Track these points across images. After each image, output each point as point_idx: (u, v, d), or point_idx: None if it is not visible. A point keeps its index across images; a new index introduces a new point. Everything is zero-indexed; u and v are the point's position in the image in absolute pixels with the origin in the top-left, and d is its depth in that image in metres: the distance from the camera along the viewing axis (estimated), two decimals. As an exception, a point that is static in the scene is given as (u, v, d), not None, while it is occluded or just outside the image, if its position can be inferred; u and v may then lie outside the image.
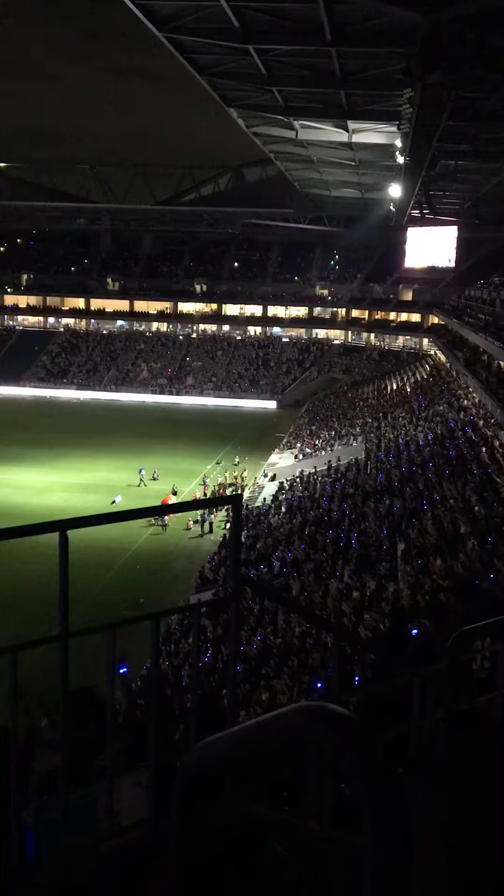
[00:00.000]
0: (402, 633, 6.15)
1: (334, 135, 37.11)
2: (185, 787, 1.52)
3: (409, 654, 5.26)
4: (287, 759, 1.58)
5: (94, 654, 2.92)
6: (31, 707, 10.81)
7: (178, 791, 1.51)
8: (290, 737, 1.23)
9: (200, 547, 34.17)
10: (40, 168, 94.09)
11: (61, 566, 2.44)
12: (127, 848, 2.71)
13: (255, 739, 1.36)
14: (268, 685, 16.20)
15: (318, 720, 1.14)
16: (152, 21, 24.56)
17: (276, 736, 1.28)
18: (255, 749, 1.39)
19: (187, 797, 1.49)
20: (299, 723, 1.19)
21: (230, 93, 33.31)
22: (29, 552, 26.96)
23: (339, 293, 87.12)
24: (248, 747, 1.39)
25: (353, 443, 45.67)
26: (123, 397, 76.65)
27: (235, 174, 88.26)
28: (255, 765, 1.59)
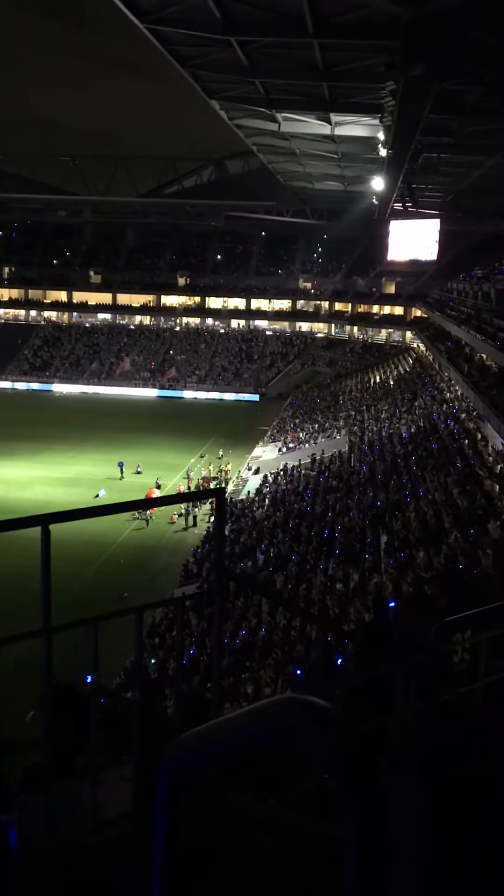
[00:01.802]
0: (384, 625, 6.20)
1: (317, 127, 36.99)
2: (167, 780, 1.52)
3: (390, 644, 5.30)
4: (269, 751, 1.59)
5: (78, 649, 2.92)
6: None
7: (160, 784, 1.52)
8: (270, 729, 1.23)
9: (184, 540, 34.16)
10: (21, 160, 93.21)
11: (43, 561, 2.43)
12: (111, 841, 2.71)
13: (236, 732, 1.36)
14: (252, 678, 16.25)
15: (297, 712, 1.15)
16: (134, 12, 24.35)
17: (256, 728, 1.29)
18: (235, 742, 1.39)
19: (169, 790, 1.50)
20: (278, 715, 1.19)
21: (212, 84, 33.11)
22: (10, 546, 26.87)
23: (322, 286, 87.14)
24: (229, 740, 1.40)
25: (336, 436, 45.78)
26: (106, 390, 76.38)
27: (218, 166, 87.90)
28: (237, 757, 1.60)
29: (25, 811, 3.08)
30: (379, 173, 43.83)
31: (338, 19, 23.06)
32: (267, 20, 24.28)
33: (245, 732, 1.34)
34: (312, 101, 32.40)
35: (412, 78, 22.74)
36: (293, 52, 27.01)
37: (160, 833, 1.50)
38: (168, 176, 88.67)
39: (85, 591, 24.00)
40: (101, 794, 2.91)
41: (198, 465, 46.41)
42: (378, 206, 58.47)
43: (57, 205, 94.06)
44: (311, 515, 29.36)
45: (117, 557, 31.51)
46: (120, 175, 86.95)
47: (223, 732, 1.41)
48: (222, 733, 1.41)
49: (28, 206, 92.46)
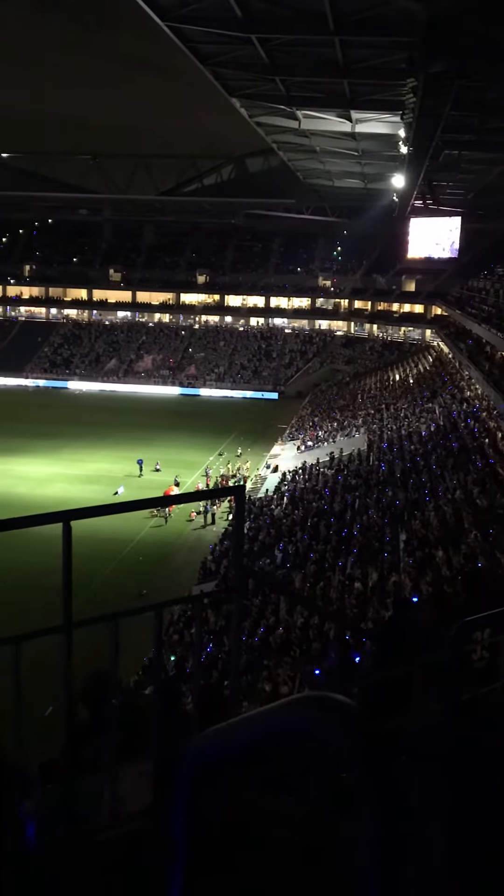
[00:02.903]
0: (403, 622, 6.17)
1: (337, 125, 36.93)
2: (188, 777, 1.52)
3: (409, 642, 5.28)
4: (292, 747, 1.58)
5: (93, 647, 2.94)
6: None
7: (181, 781, 1.52)
8: (294, 725, 1.22)
9: (203, 538, 34.22)
10: (42, 158, 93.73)
11: (65, 557, 2.44)
12: (129, 837, 2.72)
13: (260, 728, 1.36)
14: (270, 676, 16.26)
15: (321, 709, 1.14)
16: (155, 10, 24.42)
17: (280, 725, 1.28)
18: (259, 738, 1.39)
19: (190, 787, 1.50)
20: (302, 711, 1.19)
21: (233, 82, 33.15)
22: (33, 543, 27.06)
23: (341, 284, 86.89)
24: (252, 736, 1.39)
25: (355, 434, 45.67)
26: (125, 388, 76.59)
27: (238, 164, 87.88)
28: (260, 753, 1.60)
29: (44, 805, 3.10)
30: (399, 170, 43.69)
31: (358, 16, 23.02)
32: (288, 17, 24.28)
33: (269, 729, 1.33)
34: (333, 99, 32.34)
35: (433, 74, 22.65)
36: (314, 50, 26.99)
37: (179, 827, 1.50)
38: (188, 174, 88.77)
39: (103, 588, 24.10)
40: (119, 790, 2.92)
41: (216, 463, 46.47)
42: (398, 204, 58.26)
43: (77, 203, 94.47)
44: (329, 514, 29.31)
45: (136, 554, 31.63)
46: (140, 173, 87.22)
47: (247, 728, 1.41)
48: (246, 729, 1.41)
49: (48, 204, 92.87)
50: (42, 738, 3.40)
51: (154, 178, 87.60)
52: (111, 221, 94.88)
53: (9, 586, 26.61)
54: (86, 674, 3.38)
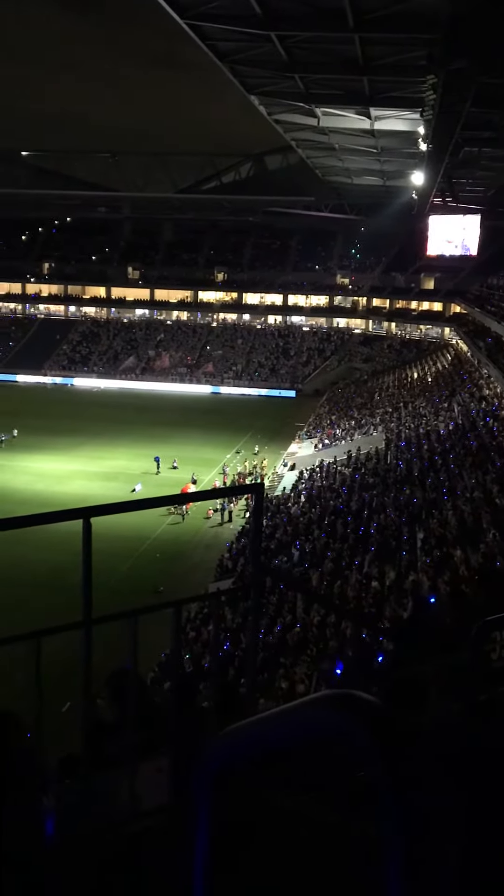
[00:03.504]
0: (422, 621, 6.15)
1: (356, 122, 36.82)
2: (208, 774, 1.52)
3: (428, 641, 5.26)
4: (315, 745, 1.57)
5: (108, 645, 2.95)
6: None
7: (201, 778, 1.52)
8: (317, 723, 1.22)
9: (219, 536, 34.26)
10: (61, 156, 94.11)
11: (85, 553, 2.46)
12: (147, 831, 2.74)
13: (281, 727, 1.36)
14: (287, 674, 16.26)
15: (344, 708, 1.13)
16: (175, 8, 24.45)
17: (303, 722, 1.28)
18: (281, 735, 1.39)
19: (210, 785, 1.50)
20: (326, 709, 1.18)
21: (252, 80, 33.12)
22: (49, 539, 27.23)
23: (359, 282, 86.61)
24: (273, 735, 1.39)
25: (372, 432, 45.53)
26: (143, 386, 76.81)
27: (257, 162, 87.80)
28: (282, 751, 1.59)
29: (62, 799, 3.12)
30: (419, 168, 43.48)
31: (378, 13, 22.93)
32: (307, 14, 24.23)
33: (291, 727, 1.33)
34: (352, 96, 32.25)
35: (453, 71, 22.51)
36: (333, 47, 26.93)
37: (200, 825, 1.51)
38: (206, 172, 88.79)
39: (121, 585, 24.21)
40: (137, 785, 2.93)
41: (233, 461, 46.50)
42: (417, 201, 58.03)
43: (96, 201, 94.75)
44: (346, 512, 29.24)
45: (153, 552, 31.71)
46: (158, 171, 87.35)
47: (269, 726, 1.41)
48: (268, 727, 1.41)
49: (68, 202, 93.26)
50: (61, 733, 3.43)
51: (173, 175, 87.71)
52: (130, 219, 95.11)
53: (24, 583, 26.81)
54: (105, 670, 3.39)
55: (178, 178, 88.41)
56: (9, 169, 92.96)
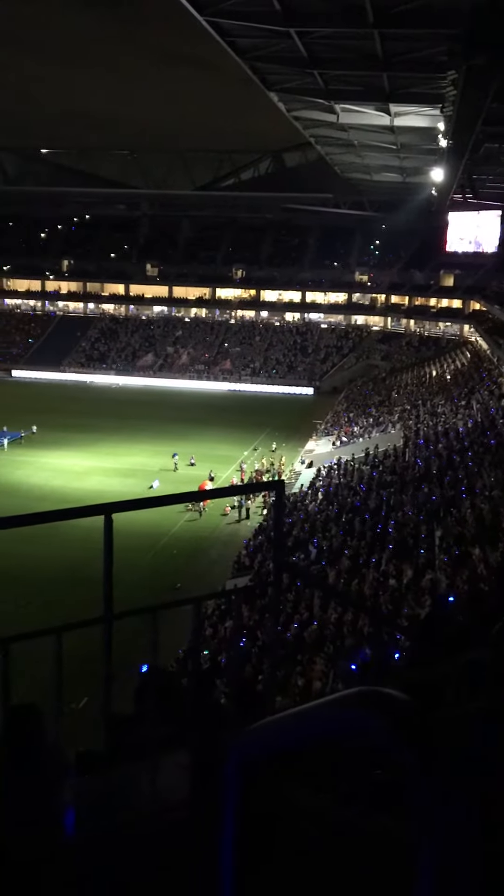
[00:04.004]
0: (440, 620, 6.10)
1: (376, 118, 36.64)
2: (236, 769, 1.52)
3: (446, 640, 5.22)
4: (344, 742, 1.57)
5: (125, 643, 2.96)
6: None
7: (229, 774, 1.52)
8: (347, 720, 1.21)
9: (237, 533, 34.28)
10: (81, 154, 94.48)
11: (106, 549, 2.47)
12: (167, 827, 2.74)
13: (312, 722, 1.35)
14: (303, 671, 16.26)
15: (375, 703, 1.12)
16: (194, 5, 24.44)
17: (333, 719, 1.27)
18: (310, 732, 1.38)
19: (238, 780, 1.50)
20: (356, 706, 1.17)
21: (271, 76, 33.06)
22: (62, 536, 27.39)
23: (378, 279, 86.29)
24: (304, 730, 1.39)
25: (391, 430, 45.38)
26: (161, 383, 76.99)
27: (275, 159, 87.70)
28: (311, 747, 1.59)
29: (81, 795, 3.13)
30: (439, 164, 43.22)
31: (399, 8, 22.79)
32: (327, 10, 24.15)
33: (321, 723, 1.33)
34: (372, 92, 32.10)
35: (474, 67, 22.34)
36: (353, 43, 26.79)
37: (228, 821, 1.51)
38: (225, 169, 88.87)
39: (138, 581, 24.26)
40: (157, 781, 2.94)
41: (251, 458, 46.51)
42: (437, 198, 57.72)
43: (115, 198, 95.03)
44: (364, 510, 29.17)
45: (170, 548, 31.78)
46: (177, 168, 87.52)
47: (298, 722, 1.41)
48: (298, 723, 1.41)
49: (87, 200, 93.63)
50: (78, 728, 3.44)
51: (191, 173, 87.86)
52: (149, 216, 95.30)
53: (41, 578, 26.99)
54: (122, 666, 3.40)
55: (197, 176, 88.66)
56: (29, 166, 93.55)
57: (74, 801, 3.12)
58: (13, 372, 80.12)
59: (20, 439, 50.06)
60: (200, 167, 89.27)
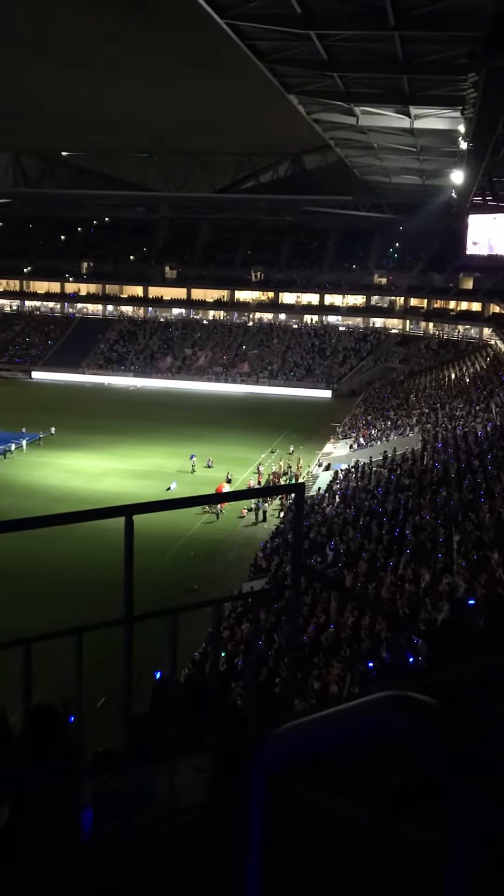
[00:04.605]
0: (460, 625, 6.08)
1: (396, 121, 36.58)
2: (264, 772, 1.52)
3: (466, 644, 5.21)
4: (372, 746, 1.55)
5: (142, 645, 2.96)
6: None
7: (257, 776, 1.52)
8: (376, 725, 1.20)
9: (254, 535, 34.26)
10: (101, 156, 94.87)
11: (127, 551, 2.47)
12: (185, 829, 2.74)
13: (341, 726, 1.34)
14: (320, 674, 16.22)
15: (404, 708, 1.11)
16: (214, 8, 24.49)
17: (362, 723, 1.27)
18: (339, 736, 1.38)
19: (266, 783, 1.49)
20: (383, 711, 1.16)
21: (291, 79, 33.07)
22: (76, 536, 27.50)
23: (397, 281, 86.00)
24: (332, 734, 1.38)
25: (409, 433, 45.20)
26: (179, 385, 77.14)
27: (295, 161, 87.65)
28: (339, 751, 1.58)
29: (99, 796, 3.14)
30: (459, 166, 43.09)
31: (419, 11, 22.74)
32: (347, 13, 24.11)
33: (350, 727, 1.32)
34: (392, 95, 32.05)
35: (495, 69, 22.25)
36: (373, 45, 26.77)
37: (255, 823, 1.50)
38: (244, 171, 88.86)
39: (155, 583, 24.28)
40: (175, 783, 2.94)
41: (268, 461, 46.48)
42: (457, 200, 57.52)
43: (135, 201, 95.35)
44: (382, 513, 29.07)
45: (187, 550, 31.82)
46: (196, 171, 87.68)
47: (327, 725, 1.40)
48: (327, 726, 1.40)
49: (106, 202, 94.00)
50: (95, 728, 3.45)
51: (211, 175, 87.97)
52: (168, 219, 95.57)
53: (54, 579, 27.14)
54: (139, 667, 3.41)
55: (216, 178, 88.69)
56: (49, 169, 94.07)
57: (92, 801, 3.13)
58: (33, 373, 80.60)
59: (38, 440, 50.33)
60: (220, 170, 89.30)
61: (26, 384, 76.91)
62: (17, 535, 2.44)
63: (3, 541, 2.66)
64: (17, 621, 17.55)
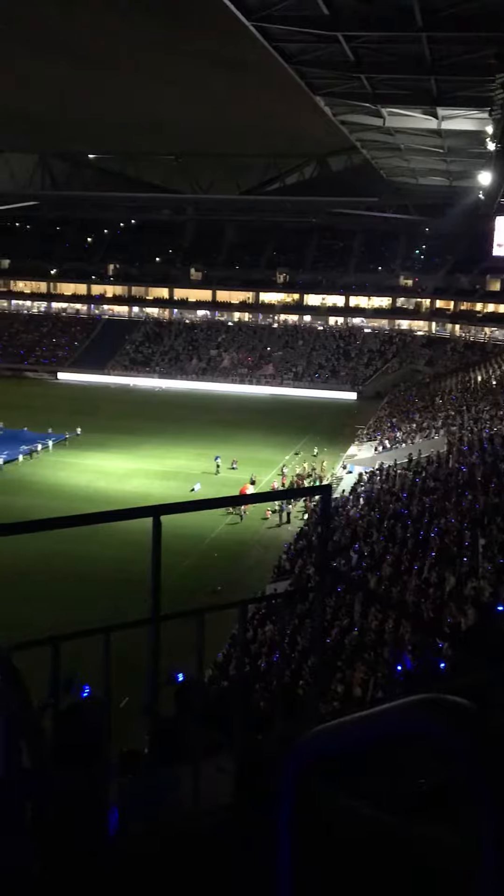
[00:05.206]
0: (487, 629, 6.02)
1: (422, 122, 36.43)
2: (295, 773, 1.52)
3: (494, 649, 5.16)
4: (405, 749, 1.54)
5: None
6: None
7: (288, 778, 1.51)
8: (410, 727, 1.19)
9: (277, 537, 34.24)
10: (127, 159, 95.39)
11: (154, 551, 2.48)
12: (211, 830, 2.75)
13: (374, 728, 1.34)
14: (343, 677, 16.18)
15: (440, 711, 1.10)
16: (242, 10, 24.54)
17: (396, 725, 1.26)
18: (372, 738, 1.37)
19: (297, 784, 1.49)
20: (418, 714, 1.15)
21: (317, 81, 33.04)
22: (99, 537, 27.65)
23: (423, 283, 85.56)
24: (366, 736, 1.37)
25: (434, 436, 44.93)
26: (204, 386, 77.30)
27: (320, 163, 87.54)
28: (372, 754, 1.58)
29: (125, 795, 3.15)
30: (486, 168, 42.75)
31: (447, 12, 22.64)
32: (374, 15, 24.06)
33: (384, 729, 1.31)
34: (419, 96, 31.92)
35: (524, 69, 22.09)
36: (400, 47, 26.69)
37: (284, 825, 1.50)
38: (270, 173, 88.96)
39: (179, 584, 24.37)
40: (200, 784, 2.95)
41: (292, 463, 46.44)
42: (484, 201, 57.03)
43: (160, 203, 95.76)
44: (406, 516, 28.93)
45: (211, 551, 31.86)
46: (222, 173, 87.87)
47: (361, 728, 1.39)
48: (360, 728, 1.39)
49: (132, 204, 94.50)
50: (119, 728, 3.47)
51: (236, 177, 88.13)
52: (193, 221, 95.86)
53: (77, 577, 27.33)
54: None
55: (242, 180, 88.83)
56: (76, 171, 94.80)
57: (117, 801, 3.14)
58: (59, 374, 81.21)
59: (65, 441, 50.68)
60: (245, 171, 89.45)
61: (53, 385, 77.50)
62: (44, 534, 2.47)
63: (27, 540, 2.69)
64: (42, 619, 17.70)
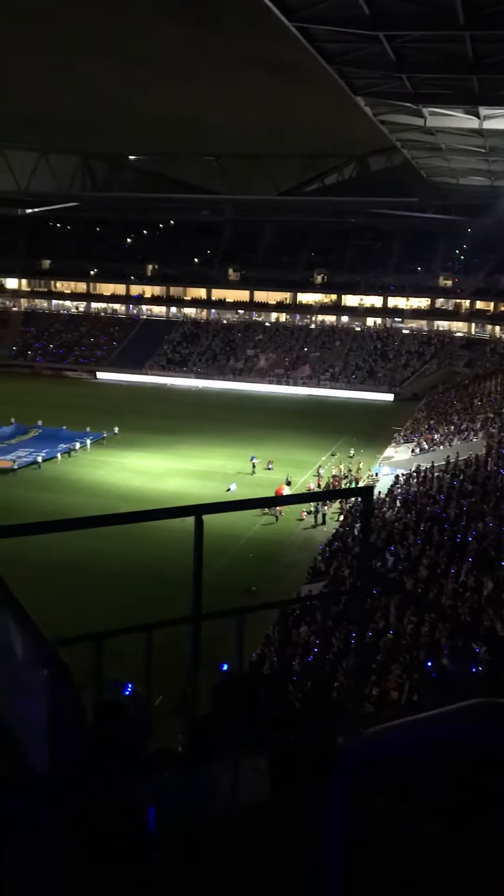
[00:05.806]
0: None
1: (464, 121, 36.04)
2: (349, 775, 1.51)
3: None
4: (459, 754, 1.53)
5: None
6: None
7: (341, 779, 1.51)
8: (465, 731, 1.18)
9: (312, 538, 34.17)
10: (166, 160, 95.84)
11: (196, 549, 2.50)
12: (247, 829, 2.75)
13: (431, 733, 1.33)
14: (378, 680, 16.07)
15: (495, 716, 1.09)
16: (283, 10, 24.50)
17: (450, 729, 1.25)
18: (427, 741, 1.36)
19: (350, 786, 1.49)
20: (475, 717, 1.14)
21: (358, 81, 32.87)
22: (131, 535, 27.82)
23: (463, 284, 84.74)
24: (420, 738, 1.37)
25: (473, 438, 44.46)
26: (241, 387, 77.43)
27: (360, 163, 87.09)
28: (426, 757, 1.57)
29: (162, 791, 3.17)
30: (528, 167, 42.22)
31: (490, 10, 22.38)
32: (416, 13, 23.88)
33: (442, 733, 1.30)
34: (461, 95, 31.61)
35: None
36: (442, 46, 26.45)
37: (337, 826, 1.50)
38: (309, 174, 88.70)
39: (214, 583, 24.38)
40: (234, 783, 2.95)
41: (328, 464, 46.28)
42: (526, 202, 56.34)
43: (199, 204, 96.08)
44: (443, 519, 28.67)
45: (246, 551, 31.88)
46: (261, 173, 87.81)
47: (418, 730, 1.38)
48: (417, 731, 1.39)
49: (171, 205, 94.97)
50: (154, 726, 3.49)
51: (275, 178, 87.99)
52: (231, 221, 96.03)
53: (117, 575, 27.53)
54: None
55: (280, 181, 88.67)
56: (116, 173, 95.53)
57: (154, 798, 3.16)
58: (97, 373, 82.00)
59: (102, 440, 51.12)
60: (284, 172, 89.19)
61: (91, 384, 78.27)
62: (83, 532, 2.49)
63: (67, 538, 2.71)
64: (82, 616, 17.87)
